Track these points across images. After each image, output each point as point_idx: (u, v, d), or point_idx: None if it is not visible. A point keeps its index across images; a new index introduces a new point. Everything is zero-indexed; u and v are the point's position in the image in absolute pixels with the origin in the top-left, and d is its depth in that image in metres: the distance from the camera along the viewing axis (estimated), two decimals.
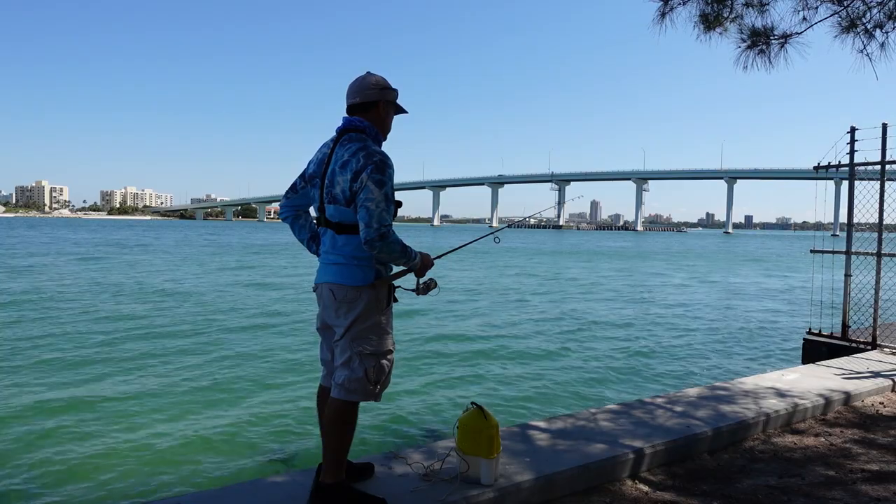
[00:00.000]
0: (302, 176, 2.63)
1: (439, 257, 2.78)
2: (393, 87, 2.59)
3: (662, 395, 4.52)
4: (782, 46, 5.54)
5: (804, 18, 5.43)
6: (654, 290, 19.81)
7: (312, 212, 2.67)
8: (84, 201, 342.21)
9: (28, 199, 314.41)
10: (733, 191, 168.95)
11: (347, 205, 2.41)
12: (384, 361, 2.50)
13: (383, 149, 2.54)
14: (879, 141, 6.00)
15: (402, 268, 2.59)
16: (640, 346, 10.42)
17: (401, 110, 2.67)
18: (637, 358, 9.44)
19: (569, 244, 60.95)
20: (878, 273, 6.15)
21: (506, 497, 2.70)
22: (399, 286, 2.61)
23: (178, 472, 4.76)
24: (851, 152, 6.19)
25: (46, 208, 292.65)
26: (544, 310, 14.58)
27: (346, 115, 2.58)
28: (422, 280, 2.61)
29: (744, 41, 5.61)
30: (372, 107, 2.55)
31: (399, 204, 2.45)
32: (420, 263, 2.54)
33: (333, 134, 2.58)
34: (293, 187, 2.67)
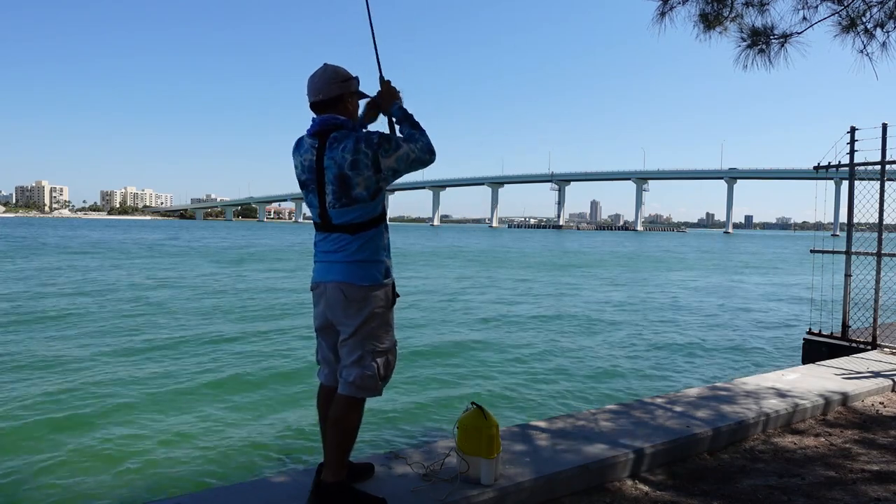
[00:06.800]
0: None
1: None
2: (353, 74, 2.56)
3: (662, 395, 4.52)
4: (782, 46, 5.53)
5: (804, 18, 5.43)
6: (654, 290, 19.81)
7: (309, 214, 2.64)
8: (84, 201, 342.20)
9: (28, 199, 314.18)
10: (733, 191, 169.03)
11: (373, 198, 2.43)
12: (391, 357, 2.54)
13: None
14: (879, 141, 6.00)
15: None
16: (640, 346, 10.42)
17: (364, 96, 2.64)
18: (637, 358, 9.44)
19: (563, 248, 60.87)
20: (878, 273, 6.15)
21: (506, 497, 2.70)
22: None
23: (177, 472, 4.75)
24: (851, 152, 6.19)
25: (46, 208, 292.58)
26: (544, 310, 14.58)
27: (313, 114, 2.52)
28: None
29: (744, 40, 5.60)
30: (338, 101, 2.50)
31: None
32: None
33: (304, 136, 2.52)
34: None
